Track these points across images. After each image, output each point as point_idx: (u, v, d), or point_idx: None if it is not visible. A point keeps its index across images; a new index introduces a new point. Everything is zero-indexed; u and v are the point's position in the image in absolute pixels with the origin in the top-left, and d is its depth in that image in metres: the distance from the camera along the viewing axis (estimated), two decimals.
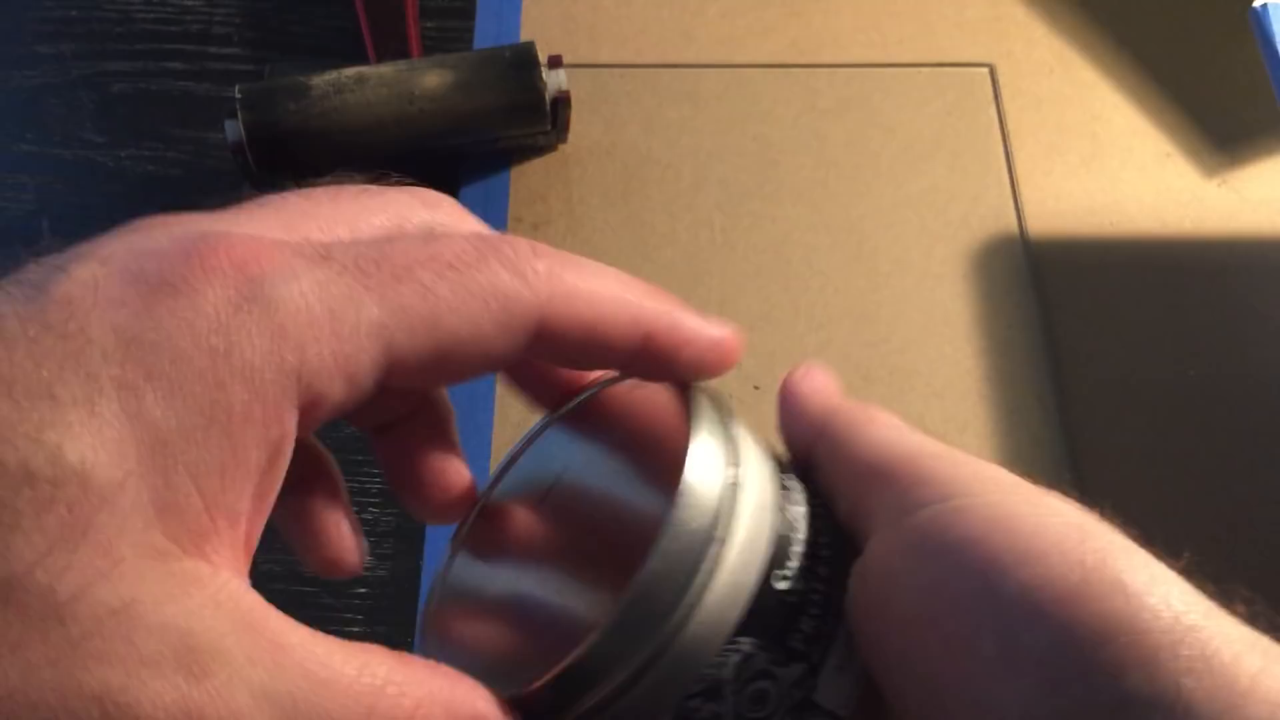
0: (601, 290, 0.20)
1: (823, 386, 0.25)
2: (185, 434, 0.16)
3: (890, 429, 0.23)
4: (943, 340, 0.47)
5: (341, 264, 0.18)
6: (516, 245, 0.19)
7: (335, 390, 0.17)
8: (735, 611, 0.20)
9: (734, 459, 0.21)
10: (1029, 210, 0.50)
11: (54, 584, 0.15)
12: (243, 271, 0.17)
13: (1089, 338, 0.47)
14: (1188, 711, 0.17)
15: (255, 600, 0.17)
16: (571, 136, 0.52)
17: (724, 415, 0.22)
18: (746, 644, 0.20)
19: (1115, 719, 0.18)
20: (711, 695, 0.20)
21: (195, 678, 0.16)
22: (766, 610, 0.20)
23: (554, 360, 0.22)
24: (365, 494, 0.44)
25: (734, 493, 0.20)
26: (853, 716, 0.21)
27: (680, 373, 0.22)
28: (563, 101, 0.49)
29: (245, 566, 0.18)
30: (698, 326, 0.22)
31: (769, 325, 0.48)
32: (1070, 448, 0.45)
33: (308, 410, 0.17)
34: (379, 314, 0.17)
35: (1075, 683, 0.18)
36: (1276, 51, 0.54)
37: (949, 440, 0.48)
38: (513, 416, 0.46)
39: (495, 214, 0.50)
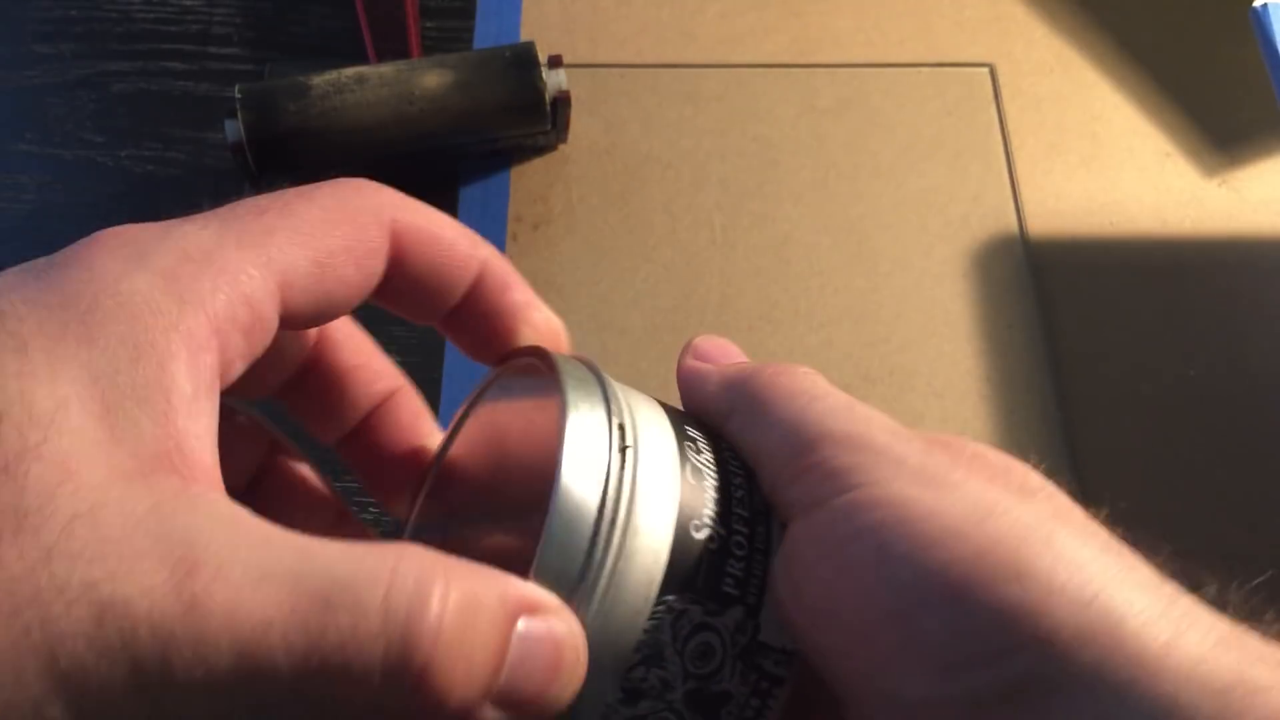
0: (442, 217, 0.22)
1: (724, 353, 0.25)
2: (116, 367, 0.16)
3: (802, 400, 0.22)
4: (943, 340, 0.47)
5: (203, 220, 0.19)
6: (357, 180, 0.21)
7: (240, 316, 0.18)
8: (656, 572, 0.19)
9: (620, 421, 0.20)
10: (1029, 210, 0.50)
11: (15, 500, 0.15)
12: (121, 239, 0.18)
13: (1089, 337, 0.47)
14: (1091, 686, 0.17)
15: (241, 510, 0.16)
16: (571, 136, 0.52)
17: (601, 381, 0.21)
18: (676, 601, 0.19)
19: (1014, 701, 0.18)
20: (654, 661, 0.19)
21: (185, 571, 0.15)
22: (689, 562, 0.20)
23: (406, 293, 0.22)
24: (366, 494, 0.44)
25: (625, 456, 0.19)
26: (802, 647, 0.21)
27: (507, 318, 0.23)
28: (563, 101, 0.49)
29: (222, 489, 0.17)
30: (520, 279, 0.24)
31: (769, 325, 0.48)
32: (1070, 448, 0.45)
33: (223, 344, 0.18)
34: (250, 242, 0.19)
35: (973, 669, 0.18)
36: (1276, 51, 0.54)
37: None
38: None
39: (495, 214, 0.50)
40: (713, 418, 0.23)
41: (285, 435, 0.24)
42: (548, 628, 0.18)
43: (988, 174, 0.51)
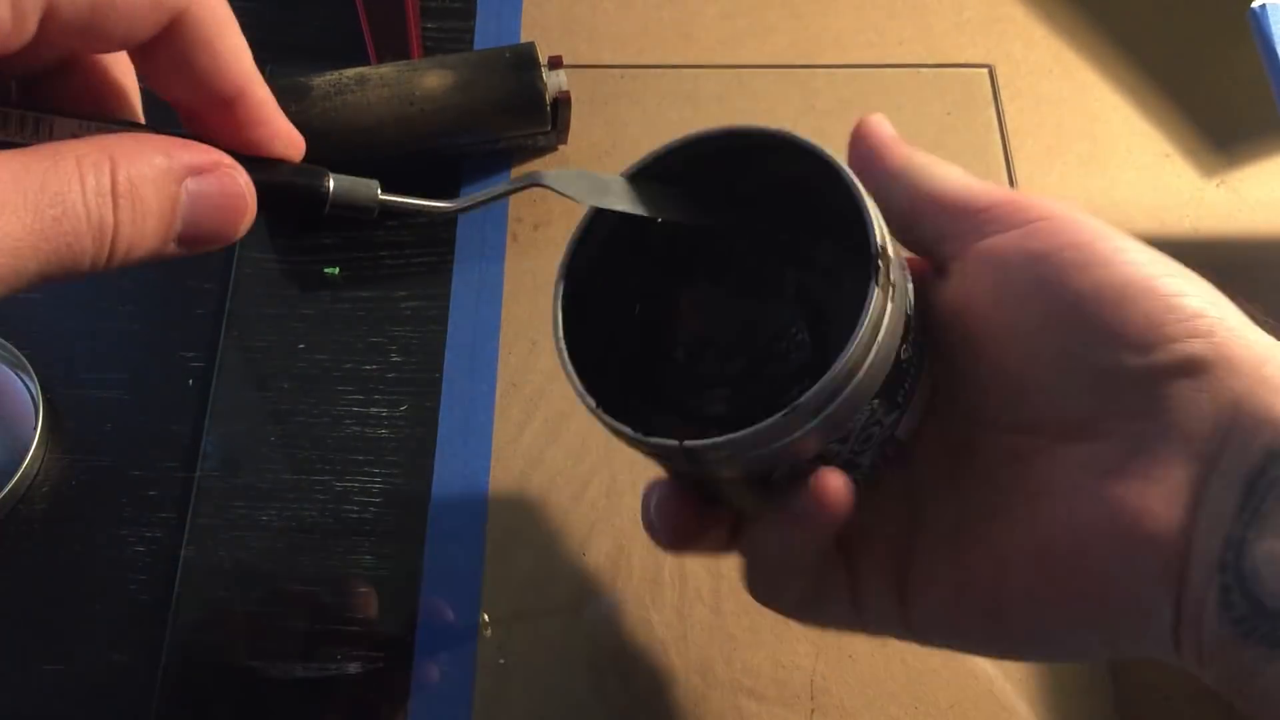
0: None
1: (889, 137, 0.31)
2: None
3: (951, 170, 0.30)
4: None
5: None
6: None
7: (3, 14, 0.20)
8: (877, 384, 0.26)
9: (888, 250, 0.26)
10: None
11: None
12: None
13: None
14: (1235, 366, 0.23)
15: None
16: (572, 137, 0.52)
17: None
18: (875, 404, 0.26)
19: (1182, 373, 0.23)
20: (842, 440, 0.26)
21: None
22: (893, 378, 0.26)
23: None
24: (366, 494, 0.44)
25: (890, 292, 0.25)
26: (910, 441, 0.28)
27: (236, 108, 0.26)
28: (563, 102, 0.49)
29: None
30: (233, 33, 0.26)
31: None
32: None
33: None
34: None
35: (1155, 349, 0.24)
36: (1275, 52, 0.54)
37: None
38: (514, 415, 0.46)
39: (496, 214, 0.51)
40: (880, 176, 0.30)
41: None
42: (216, 182, 0.24)
43: (987, 174, 0.52)
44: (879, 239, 0.25)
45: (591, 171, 0.29)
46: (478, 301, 0.48)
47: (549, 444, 0.45)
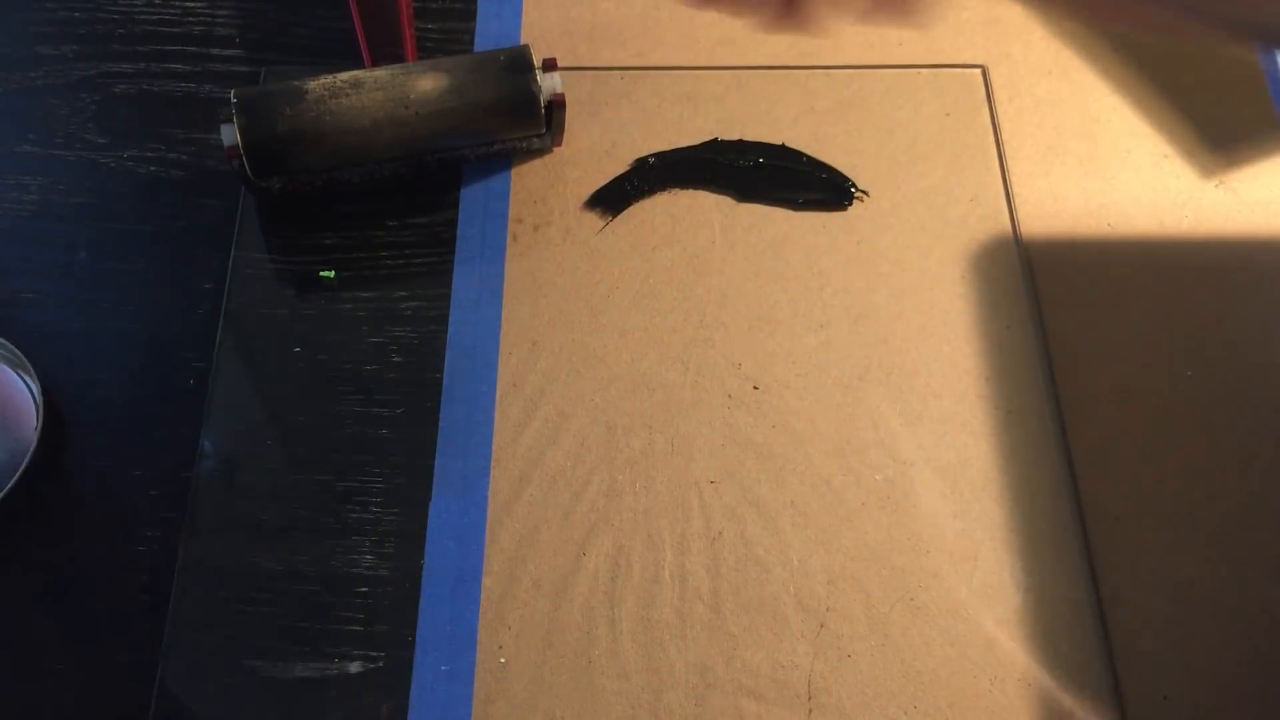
0: None
1: None
2: None
3: None
4: (941, 340, 0.47)
5: None
6: None
7: None
8: None
9: None
10: (1027, 211, 0.51)
11: None
12: None
13: (1086, 338, 0.48)
14: None
15: None
16: (572, 138, 0.52)
17: None
18: None
19: None
20: None
21: None
22: None
23: None
24: (366, 494, 0.44)
25: None
26: None
27: None
28: (557, 104, 0.49)
29: None
30: None
31: (769, 325, 0.48)
32: (1067, 447, 0.45)
33: None
34: None
35: None
36: (1275, 52, 0.54)
37: (948, 440, 0.48)
38: (513, 415, 0.46)
39: (496, 215, 0.51)
40: None
41: None
42: None
43: (986, 175, 0.52)
44: None
45: None
46: (478, 301, 0.49)
47: (549, 444, 0.45)
